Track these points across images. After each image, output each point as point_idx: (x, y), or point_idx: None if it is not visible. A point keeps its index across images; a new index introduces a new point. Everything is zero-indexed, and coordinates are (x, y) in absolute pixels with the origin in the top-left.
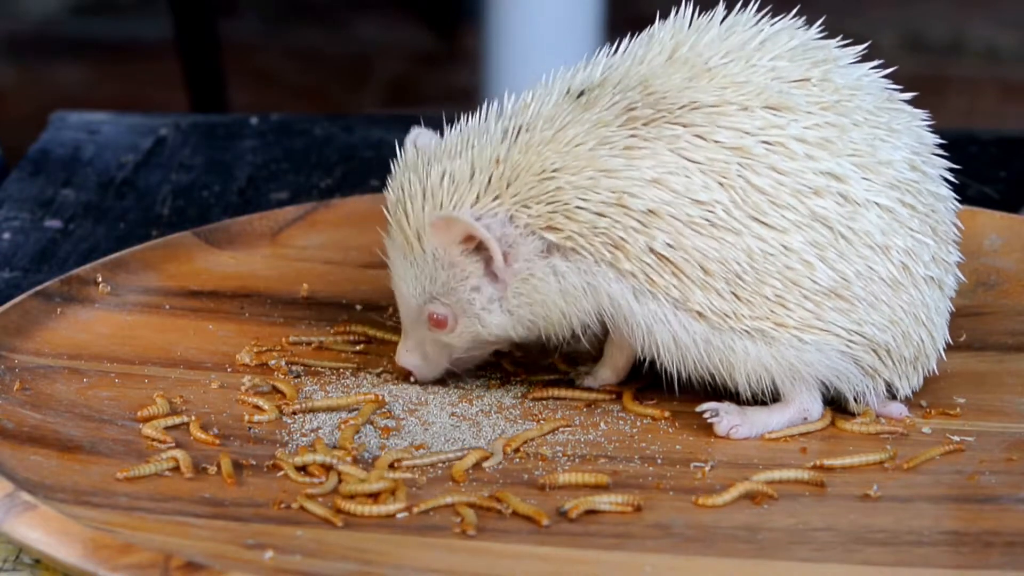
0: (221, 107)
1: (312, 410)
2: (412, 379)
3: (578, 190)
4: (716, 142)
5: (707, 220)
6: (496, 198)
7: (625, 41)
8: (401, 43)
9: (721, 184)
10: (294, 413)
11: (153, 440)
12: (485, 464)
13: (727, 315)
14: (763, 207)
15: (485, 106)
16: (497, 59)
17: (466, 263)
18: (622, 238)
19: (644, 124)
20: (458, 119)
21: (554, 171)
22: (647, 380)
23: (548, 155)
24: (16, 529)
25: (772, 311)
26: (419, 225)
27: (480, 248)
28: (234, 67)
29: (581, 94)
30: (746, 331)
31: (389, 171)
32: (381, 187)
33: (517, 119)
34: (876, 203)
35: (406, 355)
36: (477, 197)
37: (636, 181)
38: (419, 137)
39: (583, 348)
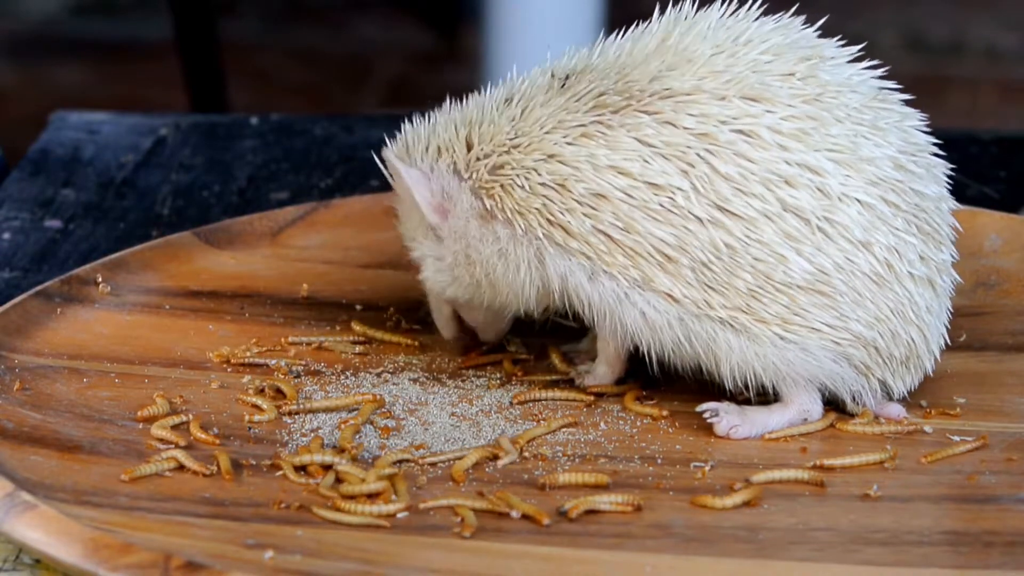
0: (221, 107)
1: (312, 410)
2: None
3: (523, 169)
4: (684, 128)
5: (663, 206)
6: (452, 155)
7: (620, 35)
8: (401, 43)
9: (684, 171)
10: (293, 413)
11: (161, 440)
12: (498, 462)
13: (699, 303)
14: (727, 195)
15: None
16: (497, 59)
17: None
18: (566, 219)
19: (613, 112)
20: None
21: (512, 147)
22: (646, 380)
23: (509, 130)
24: (16, 529)
25: (747, 304)
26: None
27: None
28: (234, 67)
29: (566, 78)
30: (725, 321)
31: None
32: (381, 187)
33: (505, 92)
34: (856, 199)
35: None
36: (438, 150)
37: (584, 166)
38: None
39: (583, 348)
